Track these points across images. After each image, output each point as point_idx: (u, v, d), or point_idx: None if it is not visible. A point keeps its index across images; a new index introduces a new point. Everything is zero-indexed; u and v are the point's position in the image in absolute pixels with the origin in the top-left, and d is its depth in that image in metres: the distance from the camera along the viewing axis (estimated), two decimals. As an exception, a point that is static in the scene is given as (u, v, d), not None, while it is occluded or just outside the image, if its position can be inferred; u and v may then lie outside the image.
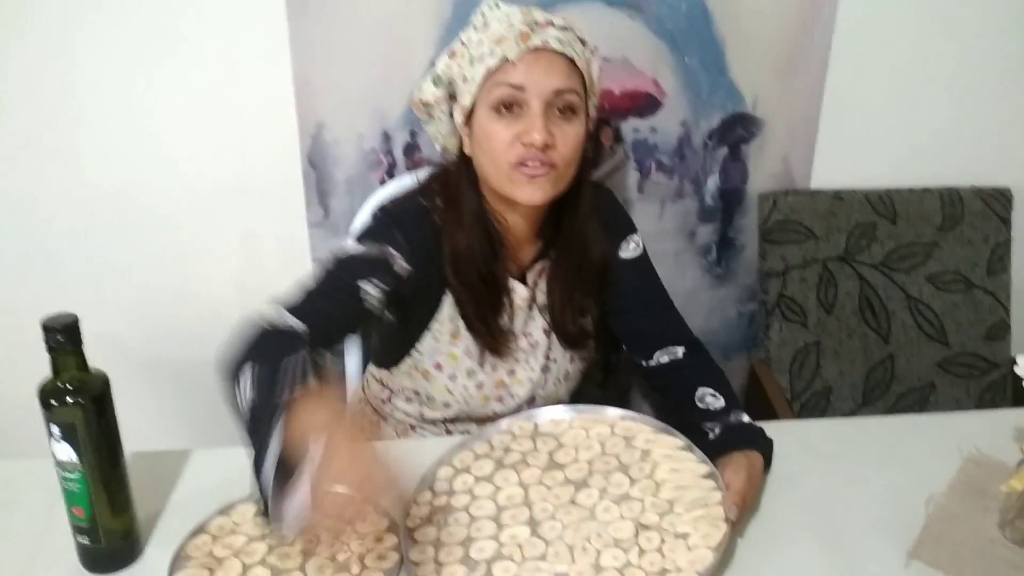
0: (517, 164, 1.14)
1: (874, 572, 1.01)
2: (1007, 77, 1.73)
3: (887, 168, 1.78)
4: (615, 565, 0.97)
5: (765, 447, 1.15)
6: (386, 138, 1.66)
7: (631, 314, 1.35)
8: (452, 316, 1.27)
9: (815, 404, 1.76)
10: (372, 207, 1.40)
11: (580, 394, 1.45)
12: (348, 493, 0.80)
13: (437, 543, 1.02)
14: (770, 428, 1.20)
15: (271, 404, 0.88)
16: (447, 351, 1.29)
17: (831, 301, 1.73)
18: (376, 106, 1.63)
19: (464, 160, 1.22)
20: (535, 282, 1.31)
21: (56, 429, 0.91)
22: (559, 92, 1.13)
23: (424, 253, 1.21)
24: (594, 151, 1.71)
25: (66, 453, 0.93)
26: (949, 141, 1.77)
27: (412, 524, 1.05)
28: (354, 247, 1.19)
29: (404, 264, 1.19)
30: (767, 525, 1.08)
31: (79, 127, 1.61)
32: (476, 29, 1.17)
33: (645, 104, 1.68)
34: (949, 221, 1.74)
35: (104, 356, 1.00)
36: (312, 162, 1.67)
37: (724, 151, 1.74)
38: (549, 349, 1.34)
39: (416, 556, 1.00)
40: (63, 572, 1.00)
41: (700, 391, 1.23)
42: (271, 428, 0.85)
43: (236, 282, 1.77)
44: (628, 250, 1.35)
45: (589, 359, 1.42)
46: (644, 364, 1.34)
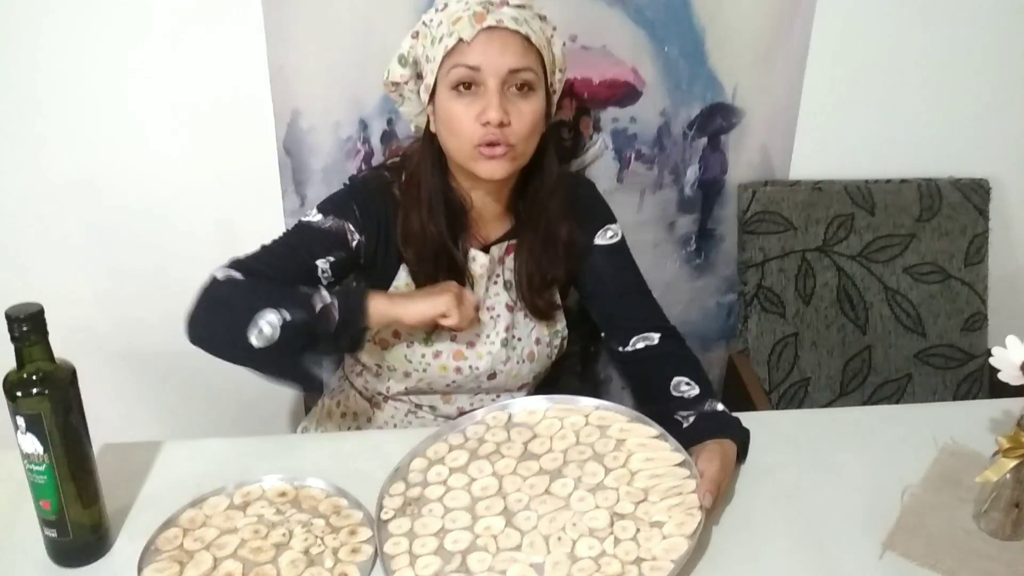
0: (478, 144, 1.17)
1: (849, 562, 1.01)
2: (985, 69, 1.73)
3: (866, 159, 1.78)
4: (590, 555, 0.97)
5: (740, 436, 1.16)
6: (363, 126, 1.64)
7: (607, 299, 1.38)
8: (408, 283, 1.30)
9: (793, 395, 1.76)
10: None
11: (558, 384, 1.44)
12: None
13: (411, 535, 1.01)
14: (747, 419, 1.20)
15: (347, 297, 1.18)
16: None
17: (809, 292, 1.74)
18: (352, 94, 1.61)
19: (429, 137, 1.26)
20: (501, 258, 1.34)
21: (21, 421, 0.90)
22: (514, 71, 1.16)
23: (379, 226, 1.27)
24: (574, 140, 1.70)
25: (32, 445, 0.91)
26: (927, 132, 1.77)
27: (386, 516, 1.04)
28: (316, 218, 1.27)
29: (359, 236, 1.27)
30: (743, 514, 1.08)
31: (49, 115, 1.58)
32: (437, 10, 1.21)
33: (624, 93, 1.67)
34: (927, 212, 1.75)
35: (74, 347, 0.99)
36: (288, 150, 1.65)
37: (703, 141, 1.73)
38: (512, 325, 1.35)
39: (390, 548, 0.99)
40: (31, 566, 0.98)
41: (675, 380, 1.24)
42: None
43: (211, 271, 1.75)
44: (605, 237, 1.38)
45: (559, 347, 1.42)
46: (620, 350, 1.35)
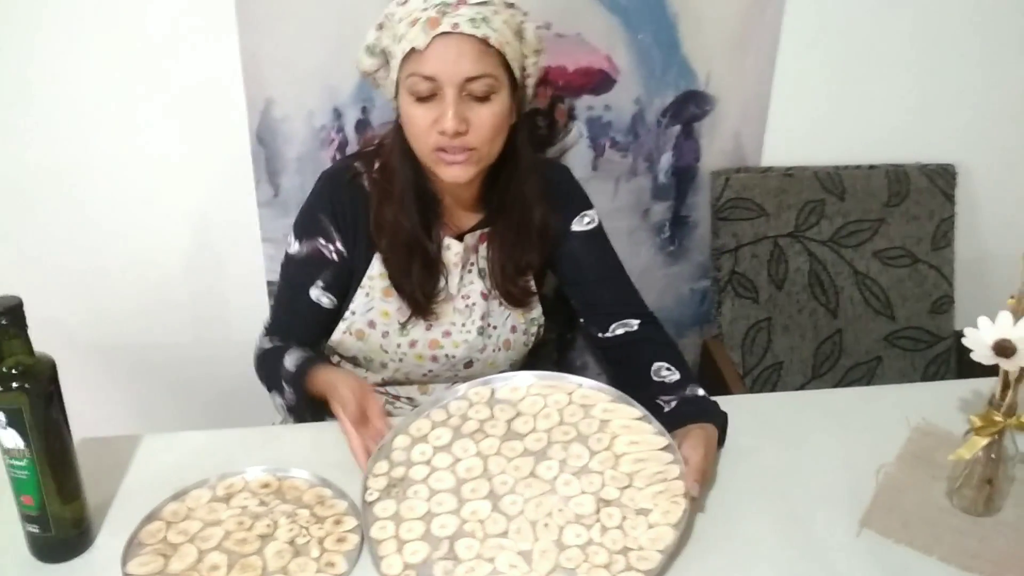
0: (436, 149, 1.16)
1: (827, 541, 1.04)
2: (951, 58, 1.76)
3: (836, 145, 1.80)
4: (577, 543, 0.97)
5: (720, 420, 1.17)
6: (337, 115, 1.63)
7: (586, 285, 1.38)
8: (383, 273, 1.30)
9: (766, 379, 1.79)
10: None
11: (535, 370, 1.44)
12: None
13: (397, 518, 1.01)
14: (723, 402, 1.21)
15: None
16: (380, 308, 1.31)
17: (782, 277, 1.76)
18: (326, 82, 1.60)
19: (400, 127, 1.24)
20: (475, 246, 1.33)
21: (1, 416, 0.88)
22: (471, 79, 1.12)
23: (350, 221, 1.28)
24: (549, 129, 1.70)
25: (13, 440, 0.90)
26: (895, 119, 1.80)
27: (370, 498, 1.03)
28: (294, 248, 1.31)
29: (334, 246, 1.29)
30: (723, 498, 1.10)
31: (16, 104, 1.55)
32: (399, 4, 1.17)
33: (599, 81, 1.67)
34: (895, 198, 1.78)
35: (48, 340, 0.97)
36: (261, 139, 1.63)
37: (677, 129, 1.75)
38: (487, 313, 1.35)
39: (377, 532, 0.99)
40: (13, 563, 0.97)
41: (656, 365, 1.25)
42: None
43: (184, 264, 1.73)
44: (582, 224, 1.37)
45: (535, 334, 1.42)
46: (599, 336, 1.36)
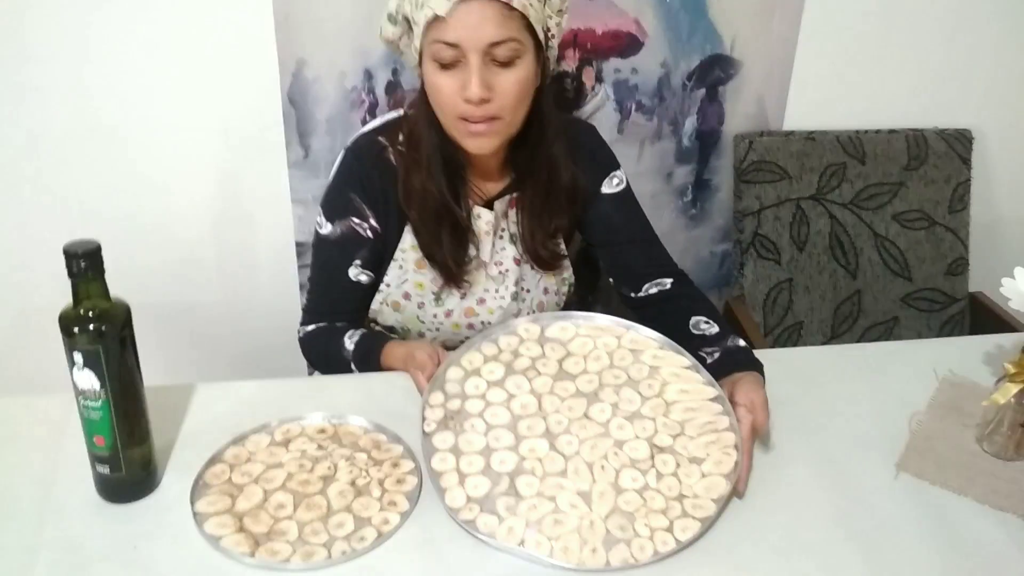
0: (460, 118, 1.16)
1: (867, 484, 1.07)
2: (971, 23, 1.79)
3: (857, 110, 1.84)
4: (635, 487, 1.00)
5: (760, 368, 1.20)
6: (368, 76, 1.64)
7: (618, 247, 1.38)
8: (414, 245, 1.30)
9: (787, 338, 1.83)
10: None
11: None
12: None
13: (456, 451, 1.04)
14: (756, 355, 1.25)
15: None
16: (414, 280, 1.33)
17: (803, 239, 1.80)
18: (358, 43, 1.61)
19: (425, 95, 1.22)
20: (505, 211, 1.33)
21: (79, 357, 0.91)
22: (495, 44, 1.11)
23: (380, 196, 1.28)
24: (576, 92, 1.72)
25: (88, 381, 0.92)
26: (915, 84, 1.84)
27: (428, 428, 1.06)
28: (326, 228, 1.30)
29: (368, 223, 1.29)
30: (763, 446, 1.13)
31: (57, 63, 1.56)
32: None
33: (627, 44, 1.69)
34: (914, 162, 1.81)
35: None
36: (292, 100, 1.65)
37: (702, 93, 1.77)
38: (520, 278, 1.36)
39: (438, 464, 1.02)
40: (81, 503, 1.00)
41: (694, 319, 1.27)
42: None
43: (214, 222, 1.75)
44: (612, 185, 1.37)
45: (566, 294, 1.45)
46: (632, 296, 1.37)
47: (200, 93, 1.63)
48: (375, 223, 1.29)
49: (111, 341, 0.92)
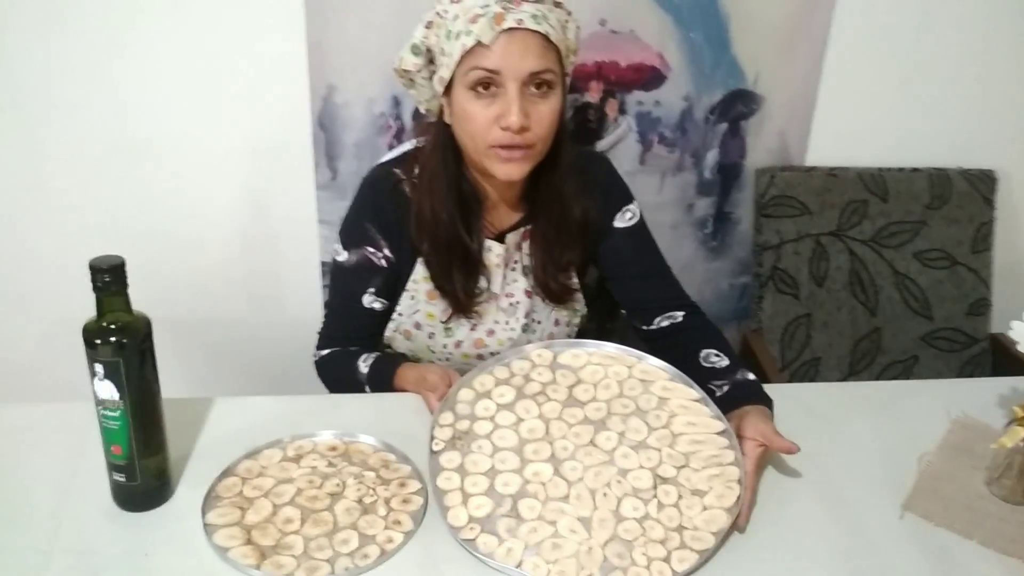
0: (495, 146, 1.18)
1: (871, 523, 1.07)
2: (995, 65, 1.79)
3: (880, 148, 1.84)
4: (635, 516, 1.01)
5: (769, 403, 1.20)
6: (396, 102, 1.68)
7: (630, 281, 1.40)
8: (426, 276, 1.32)
9: (804, 373, 1.83)
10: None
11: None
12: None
13: (462, 471, 1.06)
14: (766, 390, 1.25)
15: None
16: (425, 310, 1.35)
17: (823, 275, 1.80)
18: (387, 70, 1.62)
19: (443, 126, 1.25)
20: (518, 244, 1.35)
21: (100, 368, 0.94)
22: (535, 74, 1.14)
23: (395, 227, 1.30)
24: (599, 122, 1.75)
25: (108, 392, 0.95)
26: (939, 123, 1.84)
27: (436, 447, 1.08)
28: (343, 256, 1.34)
29: (382, 252, 1.32)
30: (769, 480, 1.13)
31: (90, 83, 1.62)
32: (452, 1, 1.17)
33: (650, 77, 1.72)
34: (937, 200, 1.81)
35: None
36: (322, 124, 1.69)
37: (724, 126, 1.79)
38: (532, 310, 1.38)
39: (443, 483, 1.04)
40: (96, 511, 1.03)
41: (704, 352, 1.28)
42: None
43: (243, 240, 1.80)
44: (624, 220, 1.38)
45: (578, 325, 1.46)
46: (644, 328, 1.39)
47: (234, 115, 1.68)
48: (388, 253, 1.32)
49: (131, 353, 0.95)
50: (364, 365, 1.31)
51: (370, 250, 1.32)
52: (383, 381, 1.29)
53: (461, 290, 1.31)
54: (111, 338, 0.94)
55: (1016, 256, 1.94)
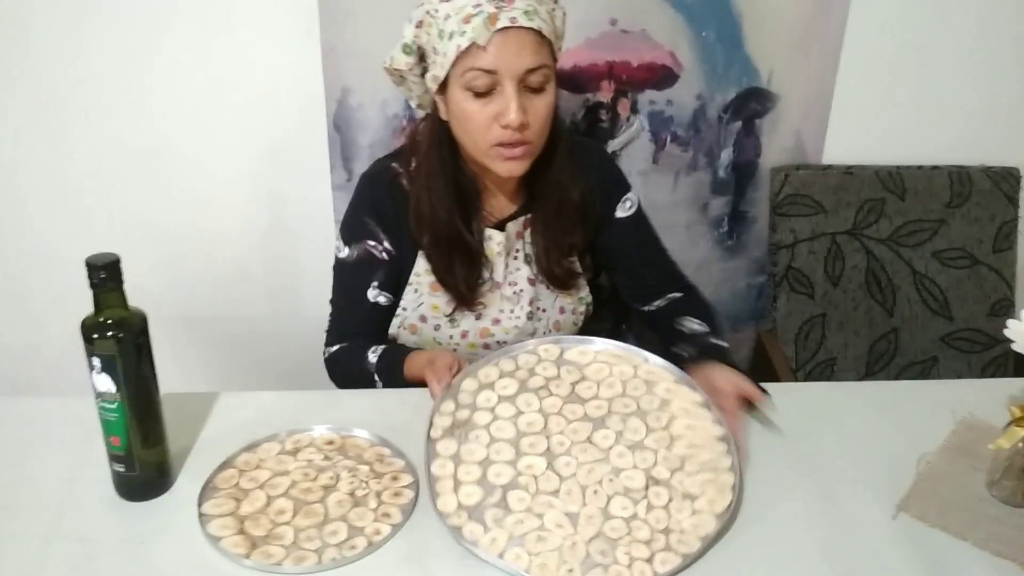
0: (495, 144, 1.19)
1: (863, 523, 1.06)
2: (1017, 60, 1.75)
3: (897, 145, 1.81)
4: (623, 515, 1.01)
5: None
6: (408, 104, 1.70)
7: (631, 270, 1.43)
8: (427, 269, 1.34)
9: (819, 374, 1.81)
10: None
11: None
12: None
13: (457, 458, 1.07)
14: (773, 389, 1.24)
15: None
16: (429, 302, 1.37)
17: (838, 274, 1.78)
18: (400, 73, 1.67)
19: (438, 122, 1.26)
20: (519, 232, 1.36)
21: (97, 361, 0.97)
22: (531, 71, 1.16)
23: (393, 222, 1.32)
24: (611, 122, 1.75)
25: (106, 384, 0.99)
26: (960, 120, 1.80)
27: (435, 435, 1.10)
28: (344, 252, 1.36)
29: (382, 245, 1.34)
30: (761, 477, 1.13)
31: (114, 87, 1.67)
32: (441, 0, 1.17)
33: (662, 76, 1.72)
34: (957, 199, 1.78)
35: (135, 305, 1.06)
36: (337, 126, 1.72)
37: (738, 125, 1.78)
38: (536, 298, 1.39)
39: (437, 470, 1.06)
40: (99, 501, 1.06)
41: (687, 320, 1.33)
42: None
43: (261, 242, 1.84)
44: (625, 209, 1.41)
45: (583, 312, 1.47)
46: (643, 308, 1.44)
47: (251, 118, 1.72)
48: (389, 246, 1.34)
49: (127, 347, 0.98)
50: (373, 356, 1.33)
51: (371, 243, 1.34)
52: (393, 369, 1.31)
53: (463, 283, 1.33)
54: (108, 333, 0.97)
55: (1041, 255, 1.90)
